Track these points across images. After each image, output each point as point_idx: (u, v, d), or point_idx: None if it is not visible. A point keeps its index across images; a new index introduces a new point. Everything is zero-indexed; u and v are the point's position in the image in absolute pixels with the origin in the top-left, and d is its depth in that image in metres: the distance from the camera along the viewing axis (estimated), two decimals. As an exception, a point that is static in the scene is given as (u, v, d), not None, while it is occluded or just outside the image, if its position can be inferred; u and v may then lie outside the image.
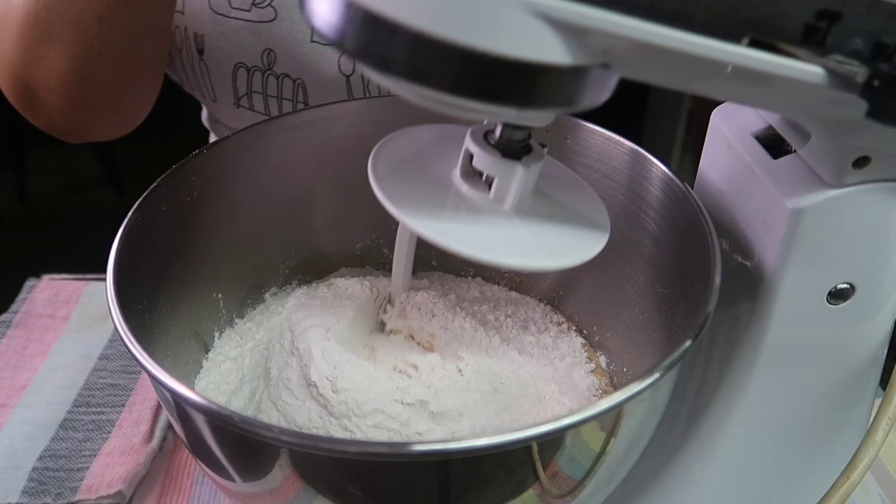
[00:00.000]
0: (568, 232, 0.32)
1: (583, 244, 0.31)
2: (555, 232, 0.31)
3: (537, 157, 0.30)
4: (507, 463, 0.27)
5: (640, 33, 0.21)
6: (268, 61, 0.57)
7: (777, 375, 0.34)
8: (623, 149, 0.40)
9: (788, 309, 0.32)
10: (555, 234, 0.31)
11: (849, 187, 0.29)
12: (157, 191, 0.36)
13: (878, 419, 0.31)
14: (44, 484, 0.45)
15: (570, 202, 0.34)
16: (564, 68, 0.22)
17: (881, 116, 0.24)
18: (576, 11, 0.20)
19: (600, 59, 0.22)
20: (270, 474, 0.28)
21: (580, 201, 0.34)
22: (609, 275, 0.42)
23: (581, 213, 0.33)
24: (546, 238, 0.31)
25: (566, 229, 0.32)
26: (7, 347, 0.56)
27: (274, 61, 0.57)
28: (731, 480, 0.37)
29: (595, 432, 0.28)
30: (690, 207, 0.35)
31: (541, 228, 0.31)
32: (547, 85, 0.22)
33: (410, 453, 0.25)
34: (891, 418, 0.30)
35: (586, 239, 0.31)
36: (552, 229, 0.32)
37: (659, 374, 0.27)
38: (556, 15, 0.20)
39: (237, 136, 0.41)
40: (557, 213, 0.33)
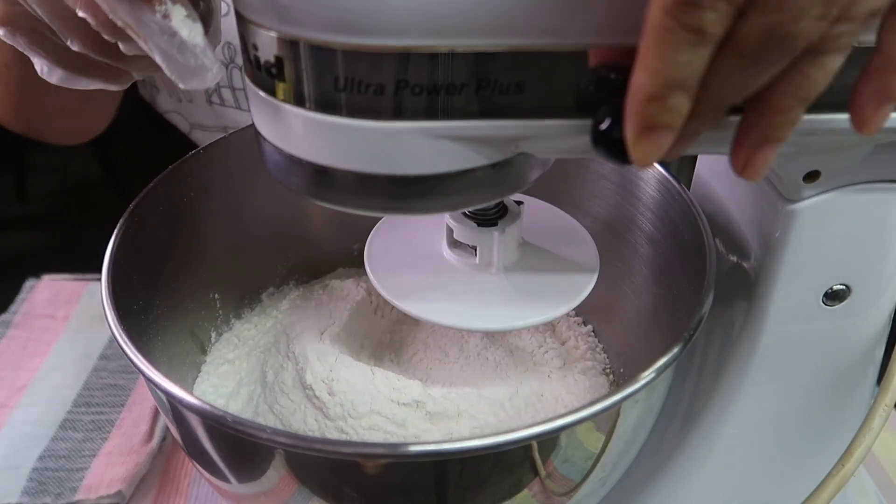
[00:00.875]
0: (556, 281, 0.33)
1: (569, 292, 0.33)
2: (543, 284, 0.33)
3: (513, 218, 0.33)
4: (503, 463, 0.27)
5: (532, 130, 0.24)
6: (229, 54, 0.57)
7: (773, 376, 0.34)
8: (620, 149, 0.40)
9: (784, 310, 0.32)
10: (543, 286, 0.33)
11: (813, 198, 0.29)
12: (153, 191, 0.37)
13: (875, 407, 0.31)
14: (44, 484, 0.45)
15: (559, 248, 0.35)
16: (487, 167, 0.25)
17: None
18: (464, 126, 0.23)
19: (514, 151, 0.25)
20: (265, 476, 0.28)
21: (569, 245, 0.35)
22: (606, 275, 0.42)
23: (569, 259, 0.35)
24: (535, 292, 0.33)
25: (554, 279, 0.34)
26: (7, 347, 0.56)
27: (235, 53, 0.57)
28: (727, 480, 0.37)
29: (590, 433, 0.28)
30: (686, 208, 0.35)
31: (529, 284, 0.33)
32: (479, 183, 0.25)
33: (405, 454, 0.25)
34: (887, 406, 0.30)
35: (573, 285, 0.33)
36: (540, 282, 0.33)
37: (654, 374, 0.27)
38: (454, 134, 0.23)
39: (234, 137, 0.41)
40: (546, 263, 0.34)
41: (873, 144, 0.27)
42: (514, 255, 0.34)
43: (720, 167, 0.35)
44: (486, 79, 0.22)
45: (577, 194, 0.43)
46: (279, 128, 0.25)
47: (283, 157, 0.25)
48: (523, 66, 0.22)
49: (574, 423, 0.25)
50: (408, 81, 0.22)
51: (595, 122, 0.23)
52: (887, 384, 0.31)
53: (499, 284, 0.33)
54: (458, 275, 0.33)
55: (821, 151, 0.28)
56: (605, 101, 0.23)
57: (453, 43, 0.21)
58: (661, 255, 0.38)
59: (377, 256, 0.34)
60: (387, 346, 0.41)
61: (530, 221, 0.34)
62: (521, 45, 0.22)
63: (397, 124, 0.23)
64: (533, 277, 0.33)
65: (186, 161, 0.39)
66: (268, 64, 0.23)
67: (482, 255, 0.33)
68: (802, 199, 0.29)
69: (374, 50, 0.21)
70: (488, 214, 0.32)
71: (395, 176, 0.24)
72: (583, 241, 0.36)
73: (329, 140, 0.24)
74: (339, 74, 0.22)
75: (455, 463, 0.26)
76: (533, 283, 0.33)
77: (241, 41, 0.24)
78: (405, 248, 0.35)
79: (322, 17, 0.21)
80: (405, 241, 0.35)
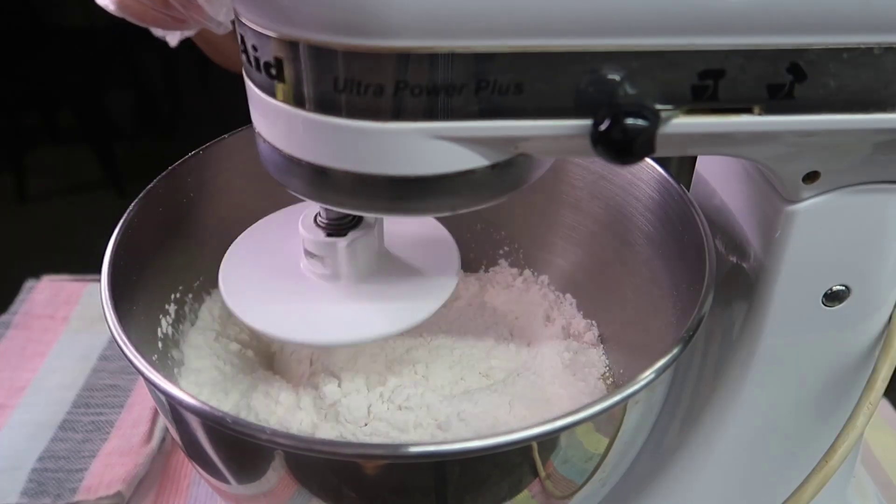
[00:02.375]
0: (411, 293, 0.33)
1: (420, 305, 0.33)
2: (397, 296, 0.33)
3: (365, 228, 0.33)
4: (502, 464, 0.27)
5: (531, 130, 0.23)
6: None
7: (773, 376, 0.34)
8: (619, 150, 0.40)
9: (784, 310, 0.32)
10: (397, 298, 0.33)
11: (813, 198, 0.29)
12: (153, 191, 0.37)
13: (860, 404, 0.31)
14: (43, 485, 0.45)
15: (420, 259, 0.35)
16: (486, 168, 0.25)
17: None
18: (464, 126, 0.23)
19: (514, 152, 0.25)
20: (265, 477, 0.28)
21: (431, 254, 0.36)
22: (605, 276, 0.43)
23: (428, 270, 0.35)
24: (387, 305, 0.33)
25: (409, 291, 0.34)
26: (7, 348, 0.56)
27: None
28: (727, 480, 0.37)
29: (590, 433, 0.28)
30: (686, 209, 0.35)
31: (383, 295, 0.33)
32: (479, 183, 0.25)
33: (404, 455, 0.25)
34: (872, 403, 0.31)
35: (426, 299, 0.33)
36: (394, 294, 0.33)
37: (654, 374, 0.27)
38: (453, 134, 0.23)
39: (234, 138, 0.41)
40: (403, 275, 0.34)
41: (873, 145, 0.27)
42: (368, 266, 0.34)
43: (720, 167, 0.35)
44: (486, 79, 0.22)
45: (577, 194, 0.43)
46: (279, 128, 0.25)
47: (283, 158, 0.25)
48: (523, 66, 0.22)
49: (574, 423, 0.25)
50: (407, 82, 0.22)
51: (595, 122, 0.23)
52: (872, 382, 0.31)
53: (349, 297, 0.33)
54: (311, 287, 0.33)
55: (821, 151, 0.28)
56: (605, 101, 0.23)
57: (453, 44, 0.21)
58: (661, 256, 0.38)
59: (233, 270, 0.35)
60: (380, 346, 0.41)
61: (395, 230, 0.35)
62: (521, 46, 0.22)
63: (397, 125, 0.23)
64: (388, 290, 0.33)
65: (186, 161, 0.39)
66: (267, 65, 0.23)
67: (330, 265, 0.33)
68: (802, 199, 0.29)
69: (374, 51, 0.21)
70: (341, 224, 0.32)
71: (394, 177, 0.24)
72: (446, 251, 0.36)
73: (328, 141, 0.24)
74: (339, 75, 0.22)
75: (454, 464, 0.26)
76: (387, 296, 0.33)
77: (241, 42, 0.24)
78: (262, 261, 0.35)
79: (322, 18, 0.21)
80: (263, 254, 0.35)
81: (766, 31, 0.22)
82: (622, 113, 0.22)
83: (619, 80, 0.22)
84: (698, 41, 0.22)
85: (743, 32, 0.22)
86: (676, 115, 0.23)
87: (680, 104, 0.23)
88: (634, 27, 0.22)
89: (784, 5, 0.22)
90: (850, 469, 0.41)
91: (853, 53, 0.22)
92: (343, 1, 0.21)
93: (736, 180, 0.33)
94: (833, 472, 0.32)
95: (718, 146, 0.27)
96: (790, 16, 0.22)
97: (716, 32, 0.22)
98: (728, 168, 0.34)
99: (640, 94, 0.23)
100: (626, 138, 0.22)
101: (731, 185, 0.34)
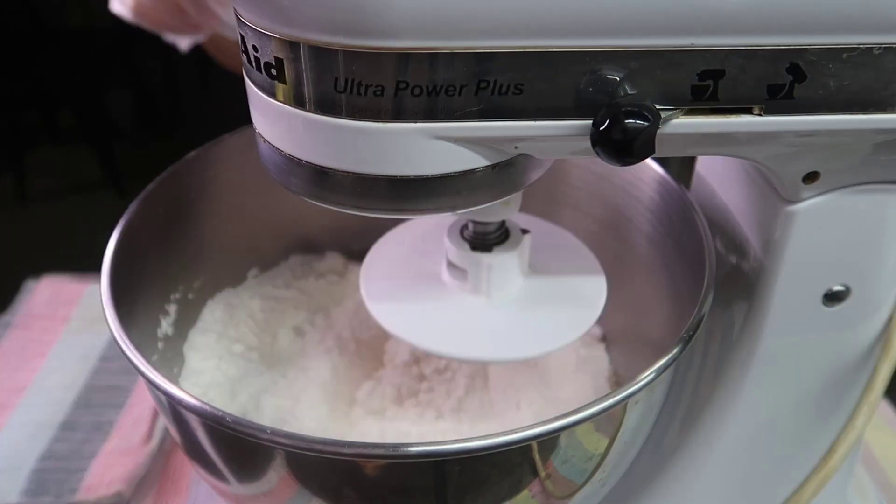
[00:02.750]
0: (554, 314, 0.33)
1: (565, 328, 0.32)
2: (540, 315, 0.33)
3: (512, 245, 0.32)
4: (502, 464, 0.27)
5: (531, 130, 0.23)
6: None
7: (773, 376, 0.34)
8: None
9: (784, 311, 0.32)
10: (540, 317, 0.33)
11: (813, 198, 0.29)
12: (153, 191, 0.37)
13: (860, 404, 0.31)
14: (43, 484, 0.45)
15: (565, 277, 0.35)
16: (486, 168, 0.25)
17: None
18: (464, 127, 0.23)
19: (514, 152, 0.25)
20: (265, 476, 0.28)
21: (576, 280, 0.35)
22: (605, 276, 0.42)
23: (574, 289, 0.34)
24: (532, 323, 0.33)
25: (554, 311, 0.33)
26: (7, 348, 0.56)
27: None
28: (727, 480, 0.37)
29: (590, 433, 0.28)
30: (686, 209, 0.35)
31: (525, 314, 0.33)
32: (479, 183, 0.25)
33: (404, 454, 0.25)
34: (872, 403, 0.31)
35: (568, 325, 0.33)
36: (539, 313, 0.33)
37: (654, 374, 0.27)
38: (453, 134, 0.23)
39: (234, 138, 0.41)
40: (547, 297, 0.34)
41: (873, 145, 0.27)
42: (512, 284, 0.33)
43: (720, 167, 0.35)
44: (486, 79, 0.22)
45: (577, 194, 0.43)
46: (279, 129, 0.25)
47: (283, 158, 0.25)
48: (523, 66, 0.22)
49: (574, 423, 0.25)
50: (407, 82, 0.22)
51: (595, 122, 0.23)
52: (872, 382, 0.31)
53: (493, 313, 0.33)
54: (450, 299, 0.33)
55: (821, 151, 0.28)
56: (605, 102, 0.23)
57: (453, 44, 0.21)
58: (661, 256, 0.38)
59: (374, 269, 0.34)
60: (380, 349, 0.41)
61: (539, 248, 0.34)
62: (521, 46, 0.22)
63: (397, 125, 0.23)
64: (531, 308, 0.33)
65: (186, 161, 0.39)
66: (268, 65, 0.23)
67: (473, 280, 0.33)
68: (802, 199, 0.29)
69: (374, 51, 0.21)
70: (484, 238, 0.32)
71: (394, 177, 0.24)
72: (593, 278, 0.35)
73: (329, 141, 0.24)
74: (339, 75, 0.22)
75: (454, 464, 0.26)
76: (530, 314, 0.33)
77: (241, 42, 0.24)
78: (404, 265, 0.35)
79: (322, 18, 0.21)
80: (405, 257, 0.35)
81: (765, 31, 0.22)
82: (622, 113, 0.22)
83: (619, 80, 0.22)
84: (698, 41, 0.22)
85: (743, 33, 0.22)
86: (676, 115, 0.23)
87: (680, 104, 0.23)
88: (634, 27, 0.22)
89: (784, 5, 0.22)
90: (850, 469, 0.41)
91: (853, 53, 0.22)
92: (344, 2, 0.21)
93: (736, 180, 0.33)
94: (833, 472, 0.32)
95: (718, 146, 0.27)
96: (790, 16, 0.22)
97: (716, 33, 0.22)
98: (728, 168, 0.34)
99: (640, 94, 0.23)
100: (626, 138, 0.22)
101: (731, 185, 0.34)
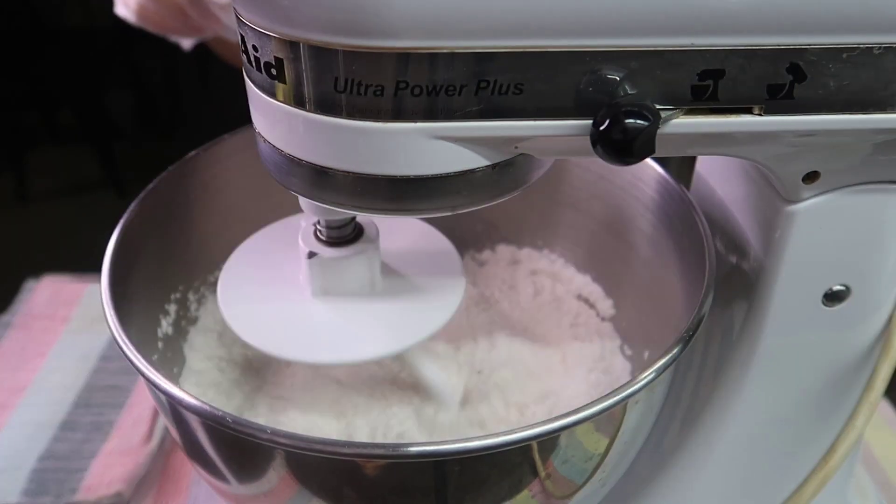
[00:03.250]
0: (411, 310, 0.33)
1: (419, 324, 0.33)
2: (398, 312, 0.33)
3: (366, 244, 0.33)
4: (502, 464, 0.27)
5: (531, 130, 0.23)
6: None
7: (773, 376, 0.34)
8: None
9: (784, 310, 0.32)
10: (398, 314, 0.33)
11: (813, 198, 0.29)
12: (153, 191, 0.37)
13: (860, 404, 0.31)
14: (43, 484, 0.45)
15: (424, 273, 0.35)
16: (486, 168, 0.25)
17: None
18: (464, 127, 0.23)
19: (514, 152, 0.25)
20: (265, 476, 0.28)
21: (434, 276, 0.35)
22: (605, 276, 0.43)
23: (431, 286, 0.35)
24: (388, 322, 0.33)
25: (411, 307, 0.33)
26: (7, 348, 0.56)
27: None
28: (727, 480, 0.37)
29: (590, 433, 0.28)
30: (686, 209, 0.35)
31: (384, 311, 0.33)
32: (479, 183, 0.25)
33: (404, 454, 0.25)
34: (872, 403, 0.31)
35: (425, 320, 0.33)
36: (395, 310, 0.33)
37: (654, 374, 0.27)
38: (453, 134, 0.23)
39: (234, 138, 0.41)
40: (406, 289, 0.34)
41: (873, 145, 0.27)
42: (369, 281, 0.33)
43: (720, 167, 0.35)
44: (486, 79, 0.22)
45: (577, 194, 0.43)
46: (279, 129, 0.25)
47: (283, 158, 0.25)
48: (523, 66, 0.22)
49: (574, 423, 0.25)
50: (407, 82, 0.22)
51: (595, 122, 0.23)
52: (872, 382, 0.31)
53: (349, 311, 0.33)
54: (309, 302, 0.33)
55: (821, 151, 0.28)
56: (605, 101, 0.23)
57: (453, 44, 0.21)
58: (661, 256, 0.38)
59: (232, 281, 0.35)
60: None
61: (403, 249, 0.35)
62: (521, 46, 0.22)
63: (397, 125, 0.23)
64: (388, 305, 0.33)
65: (186, 161, 0.39)
66: (268, 65, 0.23)
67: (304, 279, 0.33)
68: (802, 199, 0.29)
69: (374, 51, 0.21)
70: (341, 236, 0.33)
71: (394, 177, 0.24)
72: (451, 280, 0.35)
73: (329, 141, 0.24)
74: (339, 75, 0.22)
75: (454, 464, 0.26)
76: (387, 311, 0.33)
77: (241, 42, 0.24)
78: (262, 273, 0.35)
79: (322, 18, 0.21)
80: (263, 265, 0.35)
81: (765, 31, 0.22)
82: (622, 113, 0.22)
83: (619, 80, 0.22)
84: (698, 41, 0.22)
85: (743, 33, 0.22)
86: (676, 115, 0.23)
87: (680, 104, 0.23)
88: (634, 27, 0.22)
89: (784, 5, 0.22)
90: (850, 469, 0.41)
91: (853, 53, 0.22)
92: (343, 1, 0.21)
93: (736, 180, 0.33)
94: (833, 472, 0.32)
95: (718, 146, 0.27)
96: (790, 16, 0.22)
97: (716, 32, 0.22)
98: (728, 168, 0.34)
99: (640, 94, 0.23)
100: (626, 138, 0.22)
101: (731, 185, 0.34)
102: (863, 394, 0.32)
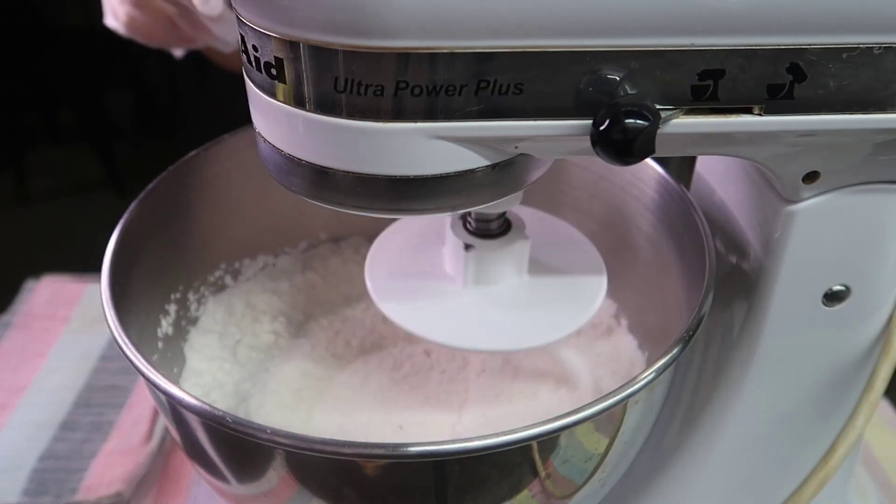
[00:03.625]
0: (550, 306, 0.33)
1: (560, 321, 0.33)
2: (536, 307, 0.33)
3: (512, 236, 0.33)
4: (502, 464, 0.27)
5: (531, 130, 0.24)
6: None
7: (773, 376, 0.34)
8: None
9: (784, 310, 0.32)
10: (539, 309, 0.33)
11: (813, 198, 0.29)
12: (153, 191, 0.37)
13: (860, 404, 0.31)
14: (43, 484, 0.45)
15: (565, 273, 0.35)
16: (486, 168, 0.25)
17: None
18: (464, 126, 0.23)
19: (514, 152, 0.25)
20: (265, 476, 0.28)
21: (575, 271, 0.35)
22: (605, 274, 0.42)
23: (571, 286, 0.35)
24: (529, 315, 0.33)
25: (551, 303, 0.34)
26: (7, 348, 0.56)
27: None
28: (727, 480, 0.37)
29: (590, 433, 0.28)
30: (686, 209, 0.35)
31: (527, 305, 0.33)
32: (479, 183, 0.25)
33: (404, 454, 0.25)
34: (872, 403, 0.31)
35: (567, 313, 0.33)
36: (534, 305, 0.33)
37: (654, 374, 0.27)
38: (453, 134, 0.23)
39: (234, 138, 0.41)
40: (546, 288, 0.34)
41: (873, 145, 0.27)
42: (501, 279, 0.34)
43: (720, 167, 0.35)
44: (486, 79, 0.22)
45: (577, 194, 0.43)
46: (279, 129, 0.25)
47: (283, 158, 0.25)
48: (523, 66, 0.22)
49: (574, 423, 0.25)
50: (407, 82, 0.22)
51: (595, 122, 0.23)
52: (872, 382, 0.32)
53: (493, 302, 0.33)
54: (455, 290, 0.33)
55: (821, 151, 0.28)
56: (605, 101, 0.23)
57: (453, 44, 0.21)
58: (661, 256, 0.38)
59: (379, 259, 0.35)
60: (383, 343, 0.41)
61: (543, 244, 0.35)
62: (521, 46, 0.22)
63: (397, 125, 0.23)
64: (520, 305, 0.33)
65: (186, 161, 0.39)
66: (268, 65, 0.23)
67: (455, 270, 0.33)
68: (802, 199, 0.29)
69: (374, 51, 0.21)
70: (489, 229, 0.32)
71: (394, 177, 0.24)
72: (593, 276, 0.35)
73: (329, 141, 0.24)
74: (339, 75, 0.22)
75: (454, 464, 0.26)
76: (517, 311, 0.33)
77: (241, 42, 0.24)
78: (407, 255, 0.35)
79: (322, 18, 0.21)
80: (409, 247, 0.35)
81: (765, 31, 0.22)
82: (622, 113, 0.22)
83: (619, 80, 0.22)
84: (698, 41, 0.22)
85: (743, 33, 0.22)
86: (676, 115, 0.23)
87: (680, 104, 0.23)
88: (634, 27, 0.22)
89: (784, 5, 0.22)
90: (850, 469, 0.41)
91: (853, 53, 0.22)
92: (343, 1, 0.21)
93: (736, 180, 0.33)
94: (833, 472, 0.32)
95: (718, 146, 0.27)
96: (790, 16, 0.22)
97: (716, 32, 0.22)
98: (728, 168, 0.34)
99: (640, 94, 0.23)
100: (626, 138, 0.22)
101: (731, 185, 0.34)
102: (863, 394, 0.32)
